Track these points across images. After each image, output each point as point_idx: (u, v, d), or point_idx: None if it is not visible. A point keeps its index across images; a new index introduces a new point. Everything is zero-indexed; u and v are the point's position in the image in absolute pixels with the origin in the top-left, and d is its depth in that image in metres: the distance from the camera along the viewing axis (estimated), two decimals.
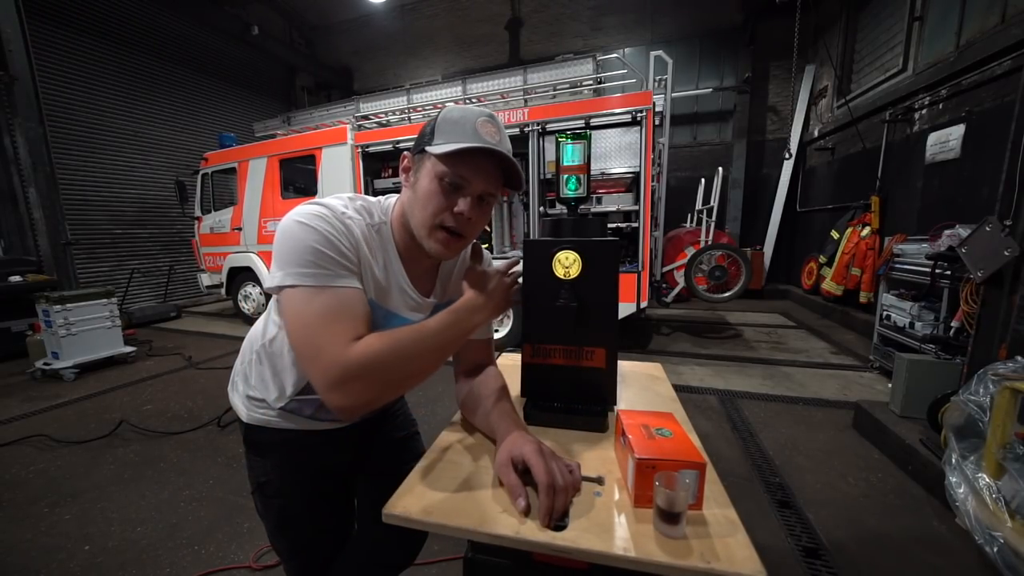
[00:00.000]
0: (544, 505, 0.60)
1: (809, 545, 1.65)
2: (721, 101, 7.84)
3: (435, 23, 9.15)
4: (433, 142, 0.72)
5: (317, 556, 0.97)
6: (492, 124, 0.74)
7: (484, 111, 0.75)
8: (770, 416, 2.76)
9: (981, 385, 1.69)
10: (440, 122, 0.73)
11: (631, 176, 3.75)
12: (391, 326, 0.79)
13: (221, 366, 4.02)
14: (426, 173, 0.74)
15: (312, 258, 0.65)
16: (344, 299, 0.66)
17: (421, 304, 0.84)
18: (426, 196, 0.73)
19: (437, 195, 0.73)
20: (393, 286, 0.81)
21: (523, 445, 0.69)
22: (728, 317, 5.76)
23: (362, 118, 4.80)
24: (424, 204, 0.74)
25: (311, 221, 0.68)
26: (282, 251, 0.67)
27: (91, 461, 2.35)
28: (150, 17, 6.64)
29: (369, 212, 0.79)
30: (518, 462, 0.68)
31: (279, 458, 0.91)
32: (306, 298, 0.65)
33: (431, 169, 0.73)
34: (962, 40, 3.94)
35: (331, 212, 0.72)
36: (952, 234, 2.59)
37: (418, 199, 0.75)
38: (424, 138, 0.74)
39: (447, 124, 0.72)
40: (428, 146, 0.72)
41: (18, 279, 4.35)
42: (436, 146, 0.71)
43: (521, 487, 0.65)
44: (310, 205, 0.72)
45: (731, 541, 0.57)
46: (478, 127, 0.72)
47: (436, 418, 2.74)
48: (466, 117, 0.73)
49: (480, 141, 0.70)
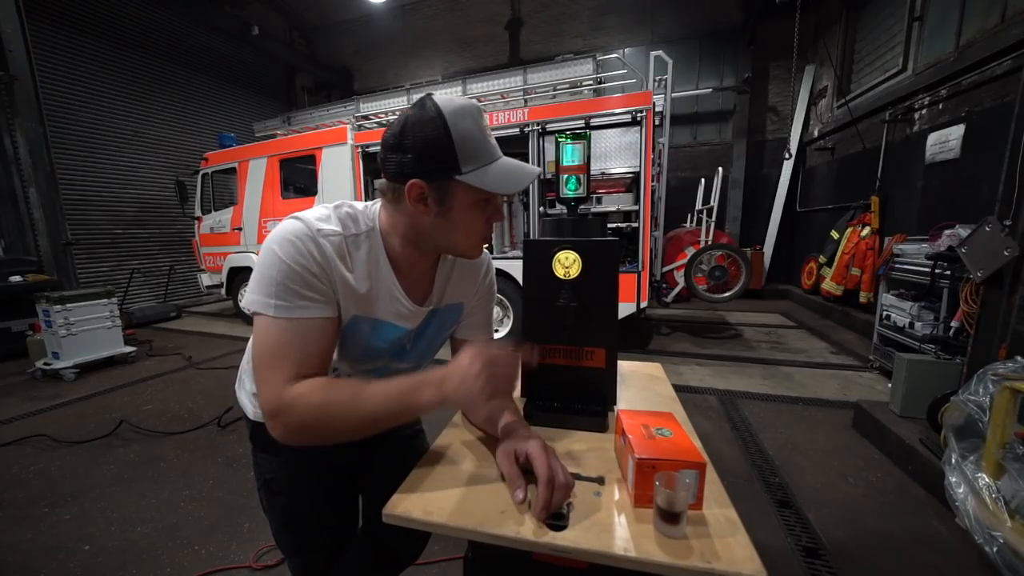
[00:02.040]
0: (542, 497, 0.61)
1: (809, 545, 1.65)
2: (721, 101, 7.85)
3: (435, 23, 9.15)
4: (464, 170, 0.67)
5: (321, 553, 0.97)
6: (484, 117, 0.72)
7: (475, 105, 0.70)
8: (770, 416, 2.76)
9: (981, 385, 1.69)
10: (461, 142, 0.66)
11: (631, 176, 3.75)
12: (380, 335, 0.80)
13: (221, 366, 4.02)
14: (462, 200, 0.70)
15: (274, 289, 0.67)
16: (299, 332, 0.68)
17: (413, 312, 0.82)
18: (468, 224, 0.73)
19: (478, 221, 0.73)
20: (382, 294, 0.78)
21: (527, 439, 0.70)
22: (728, 317, 5.76)
23: (362, 118, 4.80)
24: (468, 233, 0.74)
25: (281, 248, 0.68)
26: (255, 275, 0.69)
27: (91, 461, 2.35)
28: (150, 17, 6.64)
29: (355, 220, 0.76)
30: (520, 455, 0.69)
31: (285, 455, 0.91)
32: (264, 327, 0.67)
33: (469, 196, 0.70)
34: (962, 40, 3.94)
35: (306, 233, 0.69)
36: (952, 234, 2.59)
37: (456, 228, 0.73)
38: (443, 160, 0.67)
39: (468, 144, 0.67)
40: (460, 175, 0.67)
41: (18, 279, 4.35)
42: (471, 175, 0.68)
43: (521, 478, 0.66)
44: (290, 222, 0.71)
45: (731, 541, 0.57)
46: (485, 133, 0.70)
47: (436, 418, 2.74)
48: (475, 127, 0.68)
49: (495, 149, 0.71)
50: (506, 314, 4.27)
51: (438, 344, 0.94)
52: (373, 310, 0.78)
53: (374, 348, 0.82)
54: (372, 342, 0.80)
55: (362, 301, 0.76)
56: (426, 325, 0.87)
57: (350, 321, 0.76)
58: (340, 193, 4.65)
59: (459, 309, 0.93)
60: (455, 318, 0.94)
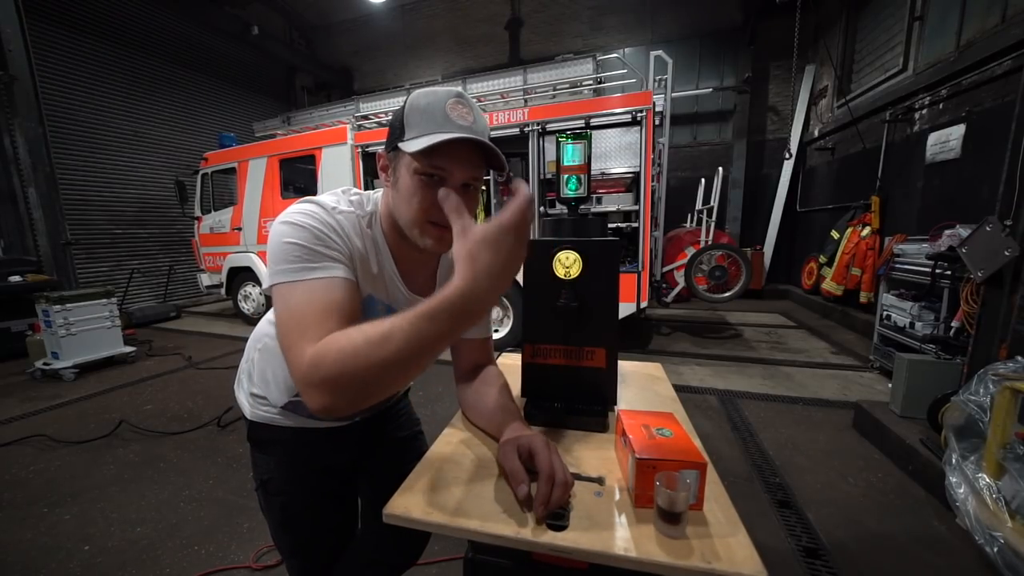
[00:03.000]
0: (542, 493, 0.60)
1: (809, 545, 1.65)
2: (721, 101, 7.84)
3: (435, 23, 9.14)
4: (405, 137, 0.68)
5: (319, 554, 0.97)
6: (463, 104, 0.69)
7: (452, 91, 0.70)
8: (770, 416, 2.76)
9: (981, 385, 1.69)
10: (409, 113, 0.69)
11: (631, 176, 3.75)
12: None
13: (221, 366, 4.02)
14: (404, 170, 0.71)
15: (295, 253, 0.65)
16: (324, 292, 0.63)
17: (409, 300, 0.81)
18: (409, 194, 0.70)
19: (419, 191, 0.69)
20: (388, 281, 0.80)
21: (531, 437, 0.70)
22: (728, 317, 5.76)
23: (362, 118, 4.80)
24: (408, 202, 0.71)
25: (296, 219, 0.67)
26: (271, 252, 0.67)
27: (91, 461, 2.35)
28: (150, 17, 6.64)
29: (361, 204, 0.78)
30: (524, 451, 0.68)
31: (281, 455, 0.91)
32: (286, 294, 0.64)
33: (408, 165, 0.70)
34: (962, 40, 3.93)
35: (321, 208, 0.70)
36: (952, 234, 2.59)
37: (402, 198, 0.72)
38: (395, 132, 0.70)
39: (416, 114, 0.68)
40: (400, 142, 0.69)
41: (18, 279, 4.35)
42: (408, 142, 0.67)
43: (524, 473, 0.65)
44: (301, 203, 0.71)
45: (732, 541, 0.57)
46: (448, 111, 0.67)
47: (436, 418, 2.74)
48: (434, 103, 0.68)
49: (452, 127, 0.67)
50: (506, 314, 4.27)
51: None
52: (382, 290, 0.79)
53: None
54: None
55: (375, 281, 0.76)
56: None
57: (366, 299, 0.75)
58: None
59: None
60: None
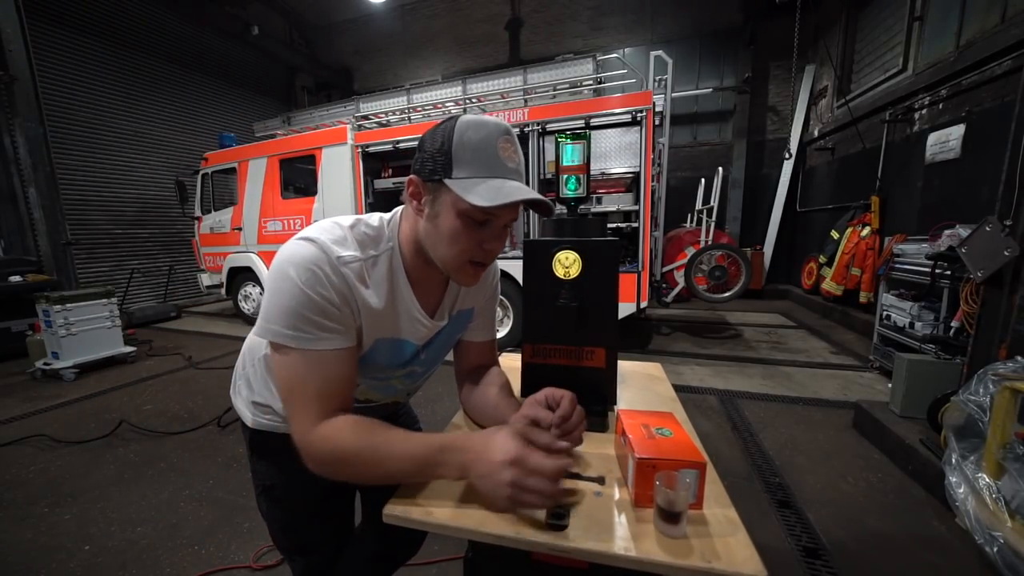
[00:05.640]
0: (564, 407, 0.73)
1: (809, 545, 1.65)
2: (721, 101, 7.84)
3: (435, 23, 9.14)
4: (453, 174, 0.64)
5: (322, 554, 0.98)
6: (511, 143, 0.68)
7: (500, 126, 0.67)
8: (770, 416, 2.76)
9: (981, 385, 1.69)
10: (457, 148, 0.64)
11: (631, 176, 3.75)
12: (398, 353, 0.80)
13: (221, 366, 4.02)
14: (447, 208, 0.67)
15: (294, 320, 0.65)
16: (321, 365, 0.67)
17: (430, 328, 0.82)
18: (452, 235, 0.68)
19: (464, 234, 0.68)
20: (402, 314, 0.77)
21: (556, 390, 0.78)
22: (728, 317, 5.76)
23: (362, 118, 4.80)
24: (450, 243, 0.68)
25: (299, 275, 0.64)
26: (270, 302, 0.66)
27: (91, 461, 2.35)
28: (150, 17, 6.64)
29: (375, 241, 0.74)
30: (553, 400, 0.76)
31: (287, 462, 0.90)
32: (285, 360, 0.67)
33: (453, 205, 0.66)
34: (962, 40, 3.93)
35: (327, 263, 0.66)
36: (952, 234, 2.59)
37: (441, 236, 0.69)
38: (438, 163, 0.66)
39: (465, 152, 0.64)
40: (448, 179, 0.65)
41: (18, 279, 4.35)
42: (460, 181, 0.64)
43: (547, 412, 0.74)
44: (306, 247, 0.67)
45: (732, 541, 0.57)
46: (500, 152, 0.65)
47: (436, 418, 2.74)
48: (485, 141, 0.65)
49: (504, 171, 0.66)
50: (506, 314, 4.27)
51: (447, 350, 0.94)
52: (394, 329, 0.77)
53: (389, 365, 0.81)
54: (389, 360, 0.80)
55: (383, 320, 0.74)
56: (438, 334, 0.85)
57: (374, 345, 0.75)
58: (340, 193, 4.65)
59: (470, 314, 0.92)
60: (466, 322, 0.93)
